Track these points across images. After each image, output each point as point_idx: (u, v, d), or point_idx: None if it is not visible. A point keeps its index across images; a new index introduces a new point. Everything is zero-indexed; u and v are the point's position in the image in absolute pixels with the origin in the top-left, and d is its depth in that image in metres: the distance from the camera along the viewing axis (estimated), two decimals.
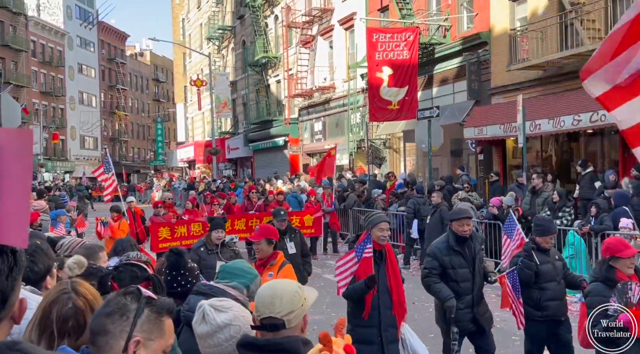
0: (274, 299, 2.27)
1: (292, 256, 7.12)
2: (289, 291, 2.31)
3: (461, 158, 19.97)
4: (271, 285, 2.41)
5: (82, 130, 60.29)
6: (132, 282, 2.84)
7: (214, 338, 2.37)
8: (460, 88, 18.99)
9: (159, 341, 1.79)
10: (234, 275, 2.98)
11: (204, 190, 30.24)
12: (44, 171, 44.56)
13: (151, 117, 73.19)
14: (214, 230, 6.77)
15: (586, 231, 10.05)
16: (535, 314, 5.54)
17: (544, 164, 16.74)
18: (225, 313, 2.41)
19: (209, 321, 2.37)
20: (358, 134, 23.98)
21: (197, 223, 12.58)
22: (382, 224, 5.13)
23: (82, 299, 2.10)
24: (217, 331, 2.37)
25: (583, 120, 13.35)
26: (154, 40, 49.50)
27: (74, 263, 3.40)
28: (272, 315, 2.26)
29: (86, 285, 2.19)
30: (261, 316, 2.29)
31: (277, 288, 2.34)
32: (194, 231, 12.24)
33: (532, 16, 16.40)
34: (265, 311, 2.27)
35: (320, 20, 28.33)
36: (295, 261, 6.92)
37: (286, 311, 2.26)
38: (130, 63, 72.68)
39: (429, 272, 5.66)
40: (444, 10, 19.91)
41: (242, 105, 39.18)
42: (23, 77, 48.17)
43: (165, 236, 12.04)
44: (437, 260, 5.62)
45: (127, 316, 1.75)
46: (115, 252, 4.62)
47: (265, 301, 2.29)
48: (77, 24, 59.60)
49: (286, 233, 7.62)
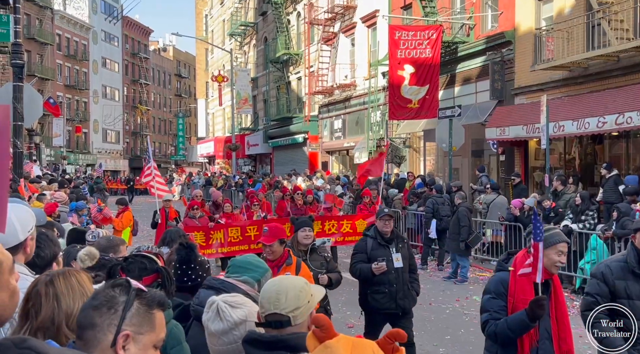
0: (280, 295, 2.20)
1: (398, 272, 5.89)
2: (295, 287, 2.24)
3: (482, 158, 19.73)
4: (277, 281, 2.34)
5: (105, 123, 60.96)
6: (141, 274, 2.79)
7: (229, 335, 2.31)
8: (482, 88, 18.75)
9: (149, 335, 1.71)
10: (244, 269, 2.91)
11: (222, 186, 30.42)
12: (66, 163, 45.12)
13: (173, 112, 73.78)
14: (300, 229, 5.58)
15: (609, 236, 9.83)
16: None
17: (567, 166, 16.46)
18: (241, 309, 2.35)
19: (224, 317, 2.31)
20: (378, 133, 23.84)
21: (235, 227, 10.75)
22: (561, 245, 3.68)
23: (50, 288, 2.04)
24: (233, 328, 2.31)
25: (608, 122, 13.09)
26: (177, 36, 49.75)
27: (85, 255, 3.39)
28: (278, 311, 2.19)
29: (72, 280, 2.11)
30: (266, 313, 2.22)
31: (282, 284, 2.27)
32: (231, 238, 10.53)
33: (558, 16, 16.12)
34: (271, 307, 2.20)
35: (343, 17, 28.22)
36: (401, 277, 5.89)
37: (292, 307, 2.19)
38: (154, 58, 73.26)
39: (593, 301, 4.04)
40: (468, 8, 19.68)
41: (263, 101, 39.24)
42: (48, 70, 48.80)
43: (199, 243, 10.19)
44: (607, 284, 4.05)
45: (115, 309, 1.67)
46: (164, 242, 4.69)
47: (270, 297, 2.22)
48: (102, 18, 60.20)
49: (392, 241, 6.00)
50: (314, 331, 1.66)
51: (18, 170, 10.01)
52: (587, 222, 10.82)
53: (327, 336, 1.64)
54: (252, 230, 10.49)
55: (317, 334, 1.65)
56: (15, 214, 2.54)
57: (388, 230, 5.96)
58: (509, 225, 12.12)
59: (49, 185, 13.12)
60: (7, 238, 2.35)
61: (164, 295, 1.81)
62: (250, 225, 10.79)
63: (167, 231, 5.12)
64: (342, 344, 1.61)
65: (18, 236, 2.51)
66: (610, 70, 14.28)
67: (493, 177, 17.74)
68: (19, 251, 2.51)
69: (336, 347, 1.59)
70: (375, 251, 5.88)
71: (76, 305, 2.00)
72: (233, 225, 10.90)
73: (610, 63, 14.20)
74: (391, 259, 5.87)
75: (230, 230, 10.57)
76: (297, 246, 5.53)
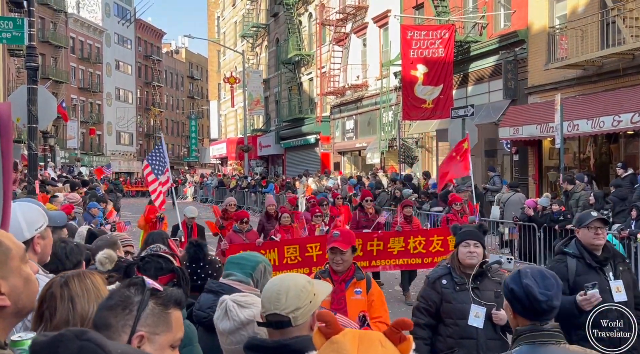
0: (280, 294, 2.13)
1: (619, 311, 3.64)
2: (296, 286, 2.16)
3: (495, 158, 19.60)
4: (278, 279, 2.26)
5: (118, 125, 61.40)
6: (157, 273, 2.79)
7: (236, 334, 2.30)
8: (496, 87, 18.63)
9: (165, 336, 1.68)
10: (235, 265, 2.83)
11: (235, 187, 30.50)
12: (80, 165, 45.51)
13: (185, 113, 74.12)
14: (462, 242, 3.97)
15: (625, 236, 9.71)
16: None
17: (582, 166, 16.30)
18: (249, 309, 2.33)
19: (232, 317, 2.29)
20: (390, 133, 23.77)
21: (292, 245, 8.70)
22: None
23: (65, 290, 2.01)
24: (240, 328, 2.29)
25: (624, 121, 12.95)
26: (189, 38, 50.15)
27: (105, 258, 3.34)
28: (277, 312, 2.12)
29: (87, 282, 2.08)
30: (266, 313, 2.16)
31: (284, 283, 2.19)
32: (287, 258, 8.56)
33: (572, 14, 15.98)
34: (271, 307, 2.14)
35: (354, 17, 28.18)
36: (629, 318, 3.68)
37: (292, 307, 2.12)
38: (166, 61, 73.68)
39: None
40: (481, 7, 19.57)
41: (275, 102, 39.29)
42: (62, 73, 49.23)
43: None
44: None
45: (130, 309, 1.65)
46: (147, 245, 4.52)
47: (271, 297, 2.16)
48: (115, 21, 60.65)
49: (606, 262, 4.00)
50: (319, 328, 1.62)
51: (33, 172, 10.09)
52: None
53: (333, 331, 1.60)
54: (314, 248, 8.61)
55: (323, 331, 1.61)
56: (22, 211, 2.53)
57: (601, 243, 3.98)
58: (523, 225, 12.03)
59: (63, 186, 13.21)
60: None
61: (181, 293, 1.78)
62: (311, 242, 8.75)
63: (150, 233, 4.93)
64: (349, 338, 1.58)
65: (23, 233, 2.48)
66: (625, 68, 14.12)
67: (506, 177, 17.63)
68: (27, 250, 2.50)
69: (342, 342, 1.56)
70: (584, 277, 3.92)
71: (91, 308, 1.98)
72: (290, 241, 8.81)
73: (626, 61, 14.05)
74: (608, 288, 3.90)
75: (286, 249, 8.64)
76: (458, 268, 3.97)
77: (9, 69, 30.34)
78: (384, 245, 9.28)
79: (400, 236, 9.30)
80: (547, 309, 2.33)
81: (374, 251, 9.26)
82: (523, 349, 2.30)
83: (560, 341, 2.33)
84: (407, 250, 9.21)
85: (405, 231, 9.52)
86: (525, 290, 2.32)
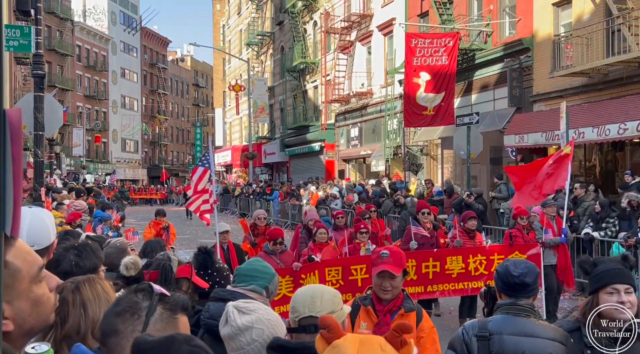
0: (315, 298, 2.20)
1: None
2: (329, 292, 2.25)
3: (501, 166, 19.56)
4: (309, 287, 2.35)
5: (124, 133, 61.60)
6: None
7: (235, 340, 2.29)
8: (501, 95, 18.63)
9: None
10: (251, 277, 2.84)
11: (239, 194, 30.47)
12: (85, 172, 45.66)
13: (190, 121, 74.34)
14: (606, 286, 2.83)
15: (632, 244, 9.66)
16: None
17: (588, 174, 16.26)
18: (249, 315, 2.32)
19: (230, 322, 2.30)
20: (395, 140, 23.77)
21: (335, 267, 7.46)
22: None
23: (77, 295, 2.01)
24: (239, 334, 2.29)
25: (630, 128, 12.92)
26: (195, 46, 50.40)
27: (132, 263, 3.29)
28: (313, 314, 2.17)
29: (98, 287, 2.08)
30: (300, 317, 2.20)
31: (317, 288, 2.29)
32: (329, 282, 7.19)
33: (577, 22, 15.98)
34: (305, 311, 2.19)
35: (359, 25, 28.26)
36: None
37: (327, 310, 2.16)
38: (172, 69, 73.98)
39: None
40: (486, 15, 19.59)
41: (280, 110, 39.38)
42: (68, 80, 49.50)
43: (284, 293, 6.70)
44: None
45: (138, 315, 1.65)
46: (144, 254, 4.51)
47: (305, 301, 2.21)
48: (121, 29, 61.00)
49: None
50: (321, 333, 1.65)
51: (39, 179, 10.13)
52: (609, 230, 10.65)
53: (335, 336, 1.63)
54: (359, 271, 7.44)
55: (325, 336, 1.64)
56: (47, 215, 2.54)
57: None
58: None
59: (69, 194, 13.23)
60: (41, 238, 2.34)
61: (187, 299, 1.79)
62: (356, 264, 7.49)
63: (147, 242, 4.80)
64: (350, 343, 1.60)
65: (50, 237, 2.47)
66: (630, 76, 14.10)
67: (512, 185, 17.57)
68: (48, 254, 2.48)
69: (344, 346, 1.58)
70: None
71: (102, 313, 1.97)
72: (332, 263, 7.53)
73: (631, 69, 14.03)
74: None
75: (327, 271, 7.40)
76: (596, 325, 2.90)
77: (15, 77, 30.50)
78: (440, 266, 7.93)
79: (459, 255, 7.97)
80: (519, 283, 2.76)
81: (430, 273, 7.91)
82: (497, 317, 2.77)
83: (530, 315, 2.71)
84: (467, 271, 7.90)
85: (464, 249, 8.12)
86: (505, 268, 2.84)
